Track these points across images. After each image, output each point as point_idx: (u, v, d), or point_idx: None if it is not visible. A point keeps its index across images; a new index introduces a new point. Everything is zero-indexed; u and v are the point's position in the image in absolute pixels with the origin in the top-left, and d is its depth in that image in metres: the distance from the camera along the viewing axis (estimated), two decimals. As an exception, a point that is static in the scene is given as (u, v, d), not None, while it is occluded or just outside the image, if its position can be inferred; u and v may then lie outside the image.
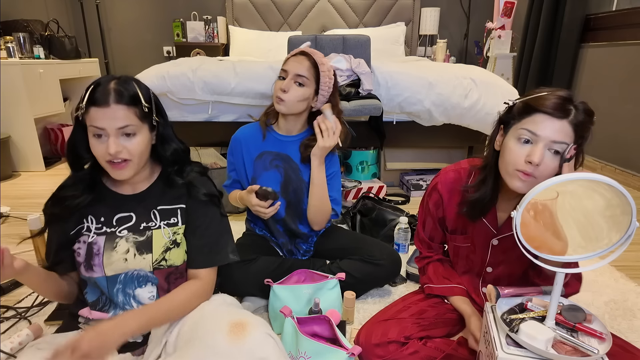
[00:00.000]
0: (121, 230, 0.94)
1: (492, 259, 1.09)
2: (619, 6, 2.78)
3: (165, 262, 0.95)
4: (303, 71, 1.28)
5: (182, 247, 0.98)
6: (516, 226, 0.80)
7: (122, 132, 0.87)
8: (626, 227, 0.75)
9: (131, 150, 0.88)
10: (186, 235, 0.99)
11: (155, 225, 0.96)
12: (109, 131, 0.85)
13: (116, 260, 0.92)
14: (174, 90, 2.14)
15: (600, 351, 0.77)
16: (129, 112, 0.87)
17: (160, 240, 0.95)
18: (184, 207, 0.99)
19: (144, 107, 0.89)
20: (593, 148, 2.91)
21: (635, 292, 1.49)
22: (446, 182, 1.10)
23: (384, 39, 3.65)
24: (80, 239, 0.94)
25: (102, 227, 0.95)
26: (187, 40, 3.94)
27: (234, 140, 1.43)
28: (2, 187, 2.61)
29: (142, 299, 0.94)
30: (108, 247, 0.93)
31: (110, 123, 0.85)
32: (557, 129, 0.85)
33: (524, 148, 0.88)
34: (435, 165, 2.61)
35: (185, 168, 1.01)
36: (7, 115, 2.81)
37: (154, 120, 0.93)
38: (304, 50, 1.33)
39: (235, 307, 1.00)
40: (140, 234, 0.95)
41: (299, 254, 1.48)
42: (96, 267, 0.92)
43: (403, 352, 1.03)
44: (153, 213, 0.97)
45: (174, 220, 0.98)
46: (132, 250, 0.93)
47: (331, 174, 1.39)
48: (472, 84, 2.20)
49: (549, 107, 0.85)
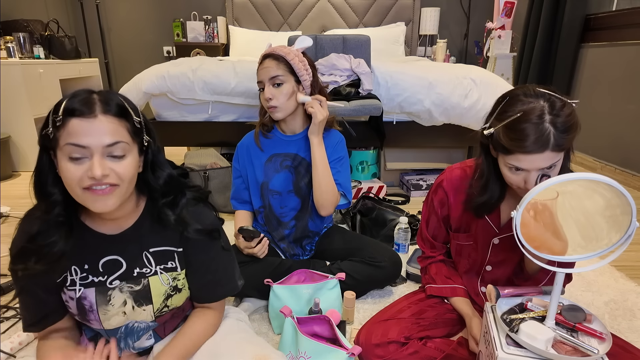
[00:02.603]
0: (112, 280, 0.80)
1: (492, 258, 1.09)
2: (619, 6, 2.78)
3: (167, 309, 0.85)
4: (273, 71, 1.27)
5: (184, 292, 0.87)
6: (516, 226, 0.80)
7: (110, 153, 0.69)
8: (626, 227, 0.75)
9: (120, 173, 0.70)
10: (188, 276, 0.87)
11: (151, 272, 0.83)
12: (93, 149, 0.67)
13: (114, 314, 0.81)
14: (174, 90, 2.15)
15: (600, 351, 0.77)
16: (120, 126, 0.70)
17: (159, 288, 0.83)
18: (181, 250, 0.85)
19: (135, 121, 0.73)
20: (593, 148, 2.91)
21: (635, 292, 1.49)
22: (452, 179, 1.09)
23: (384, 39, 3.65)
24: (66, 293, 0.79)
25: (87, 277, 0.79)
26: (187, 40, 3.94)
27: (240, 147, 1.43)
28: (2, 187, 2.61)
29: (142, 345, 0.89)
30: (101, 301, 0.79)
31: (96, 139, 0.67)
32: (542, 159, 0.83)
33: (518, 174, 0.88)
34: (435, 165, 2.61)
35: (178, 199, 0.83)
36: (7, 115, 2.81)
37: (145, 140, 0.76)
38: (265, 53, 1.32)
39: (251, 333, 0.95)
40: (136, 282, 0.81)
41: (302, 254, 1.48)
42: (93, 322, 0.81)
43: (403, 352, 1.03)
44: (145, 256, 0.83)
45: (171, 265, 0.84)
46: (130, 302, 0.81)
47: (337, 159, 1.37)
48: (472, 84, 2.20)
49: (527, 148, 0.81)
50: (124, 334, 0.85)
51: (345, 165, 1.40)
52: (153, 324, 0.86)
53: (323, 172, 1.31)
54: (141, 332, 0.86)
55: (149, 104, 2.30)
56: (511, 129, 0.83)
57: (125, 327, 0.84)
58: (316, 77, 1.36)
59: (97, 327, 0.83)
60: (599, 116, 2.88)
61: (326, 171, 1.31)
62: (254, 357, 0.77)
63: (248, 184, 1.43)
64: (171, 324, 0.92)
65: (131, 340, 0.86)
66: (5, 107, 2.79)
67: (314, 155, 1.31)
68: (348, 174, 1.40)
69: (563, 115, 0.81)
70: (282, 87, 1.27)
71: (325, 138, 1.36)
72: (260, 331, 1.26)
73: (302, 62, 1.31)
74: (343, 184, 1.36)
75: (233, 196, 1.46)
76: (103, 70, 4.04)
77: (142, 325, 0.85)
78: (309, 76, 1.32)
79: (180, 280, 0.85)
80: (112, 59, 4.14)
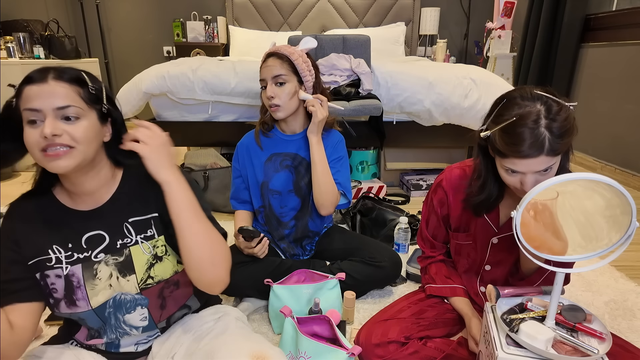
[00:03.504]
0: (97, 253, 0.82)
1: (491, 258, 1.09)
2: (619, 6, 2.78)
3: (152, 280, 0.85)
4: (277, 70, 1.27)
5: (166, 260, 0.86)
6: (516, 226, 0.80)
7: (62, 115, 0.72)
8: (626, 227, 0.75)
9: (74, 135, 0.72)
10: (172, 239, 0.84)
11: (132, 242, 0.84)
12: (45, 112, 0.71)
13: (101, 289, 0.81)
14: (174, 90, 2.15)
15: (600, 351, 0.77)
16: (71, 91, 0.73)
17: (141, 257, 0.84)
18: (157, 215, 0.86)
19: (90, 88, 0.75)
20: (593, 148, 2.91)
21: (635, 292, 1.49)
22: (451, 179, 1.09)
23: (384, 39, 3.65)
24: (50, 272, 0.79)
25: (72, 254, 0.81)
26: (187, 40, 3.94)
27: (240, 146, 1.43)
28: (2, 187, 2.61)
29: (134, 323, 0.86)
30: (88, 276, 0.80)
31: (46, 102, 0.71)
32: (537, 163, 0.83)
33: (514, 176, 0.88)
34: (435, 165, 2.61)
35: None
36: (7, 115, 2.81)
37: (105, 108, 0.78)
38: (270, 52, 1.32)
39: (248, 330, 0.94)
40: (119, 254, 0.83)
41: (302, 254, 1.48)
42: (80, 302, 0.80)
43: (403, 352, 1.03)
44: (126, 227, 0.84)
45: (150, 233, 0.85)
46: (115, 273, 0.82)
47: (336, 158, 1.37)
48: (472, 84, 2.21)
49: (522, 152, 0.82)
50: (113, 308, 0.83)
51: (345, 165, 1.40)
52: (140, 297, 0.85)
53: (322, 171, 1.31)
54: (128, 304, 0.85)
55: (149, 104, 2.30)
56: (507, 132, 0.84)
57: (113, 299, 0.83)
58: (319, 78, 1.37)
59: (84, 310, 0.81)
60: (598, 116, 2.88)
61: (325, 170, 1.31)
62: (251, 353, 0.77)
63: (248, 184, 1.43)
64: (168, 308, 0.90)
65: (120, 314, 0.84)
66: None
67: (313, 154, 1.31)
68: (348, 173, 1.40)
69: (559, 119, 0.81)
70: (285, 86, 1.27)
71: (325, 138, 1.36)
72: (260, 331, 1.27)
73: (306, 63, 1.31)
74: (343, 183, 1.36)
75: (232, 196, 1.46)
76: (103, 70, 4.04)
77: (128, 297, 0.84)
78: (312, 77, 1.32)
79: (159, 247, 0.86)
80: (112, 59, 4.14)
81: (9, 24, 3.06)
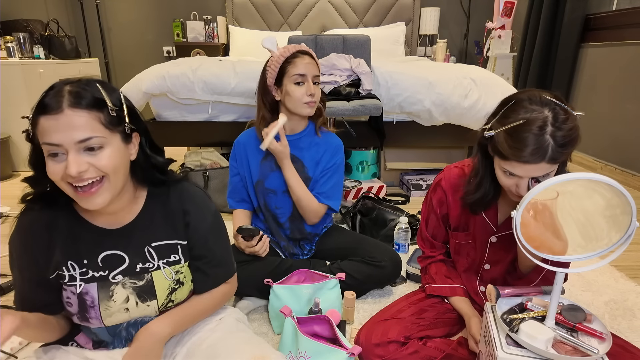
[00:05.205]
0: (115, 275, 0.79)
1: (490, 257, 1.09)
2: (619, 6, 2.78)
3: (172, 304, 0.85)
4: (317, 71, 1.32)
5: (187, 285, 0.86)
6: (516, 226, 0.80)
7: (85, 147, 0.66)
8: (626, 227, 0.75)
9: (100, 166, 0.67)
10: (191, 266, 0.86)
11: (154, 267, 0.81)
12: (66, 147, 0.65)
13: (116, 311, 0.79)
14: (174, 90, 2.15)
15: (600, 351, 0.77)
16: (90, 119, 0.66)
17: (162, 283, 0.82)
18: (185, 243, 0.84)
19: (110, 110, 0.69)
20: (593, 148, 2.91)
21: (635, 292, 1.49)
22: (450, 178, 1.09)
23: (384, 39, 3.65)
24: (67, 289, 0.78)
25: (87, 272, 0.78)
26: (187, 40, 3.94)
27: (237, 144, 1.43)
28: (2, 187, 2.61)
29: None
30: (103, 296, 0.78)
31: (66, 136, 0.64)
32: (537, 169, 0.83)
33: (510, 178, 0.88)
34: (435, 165, 2.61)
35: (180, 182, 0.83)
36: (7, 115, 2.81)
37: (128, 128, 0.72)
38: (305, 50, 1.33)
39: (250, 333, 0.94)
40: (139, 278, 0.80)
41: (302, 254, 1.48)
42: (93, 320, 0.79)
43: (403, 352, 1.03)
44: (148, 251, 0.81)
45: (174, 258, 0.83)
46: (133, 298, 0.80)
47: (332, 166, 1.39)
48: (472, 84, 2.21)
49: (523, 157, 0.81)
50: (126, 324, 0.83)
51: (339, 171, 1.41)
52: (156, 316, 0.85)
53: (299, 191, 1.34)
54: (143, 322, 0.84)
55: (149, 104, 2.30)
56: (511, 135, 0.83)
57: (127, 323, 0.83)
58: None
59: (96, 326, 0.81)
60: (598, 116, 2.88)
61: (301, 189, 1.35)
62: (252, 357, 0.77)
63: (246, 182, 1.43)
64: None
65: (133, 330, 0.84)
66: (5, 107, 2.79)
67: (287, 177, 1.34)
68: (340, 180, 1.42)
69: (565, 128, 0.80)
70: (318, 87, 1.33)
71: (323, 140, 1.37)
72: (260, 331, 1.26)
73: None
74: (328, 192, 1.39)
75: (230, 195, 1.46)
76: (103, 70, 4.04)
77: (146, 319, 0.84)
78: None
79: (182, 273, 0.84)
80: (112, 59, 4.14)
81: (9, 24, 3.06)
